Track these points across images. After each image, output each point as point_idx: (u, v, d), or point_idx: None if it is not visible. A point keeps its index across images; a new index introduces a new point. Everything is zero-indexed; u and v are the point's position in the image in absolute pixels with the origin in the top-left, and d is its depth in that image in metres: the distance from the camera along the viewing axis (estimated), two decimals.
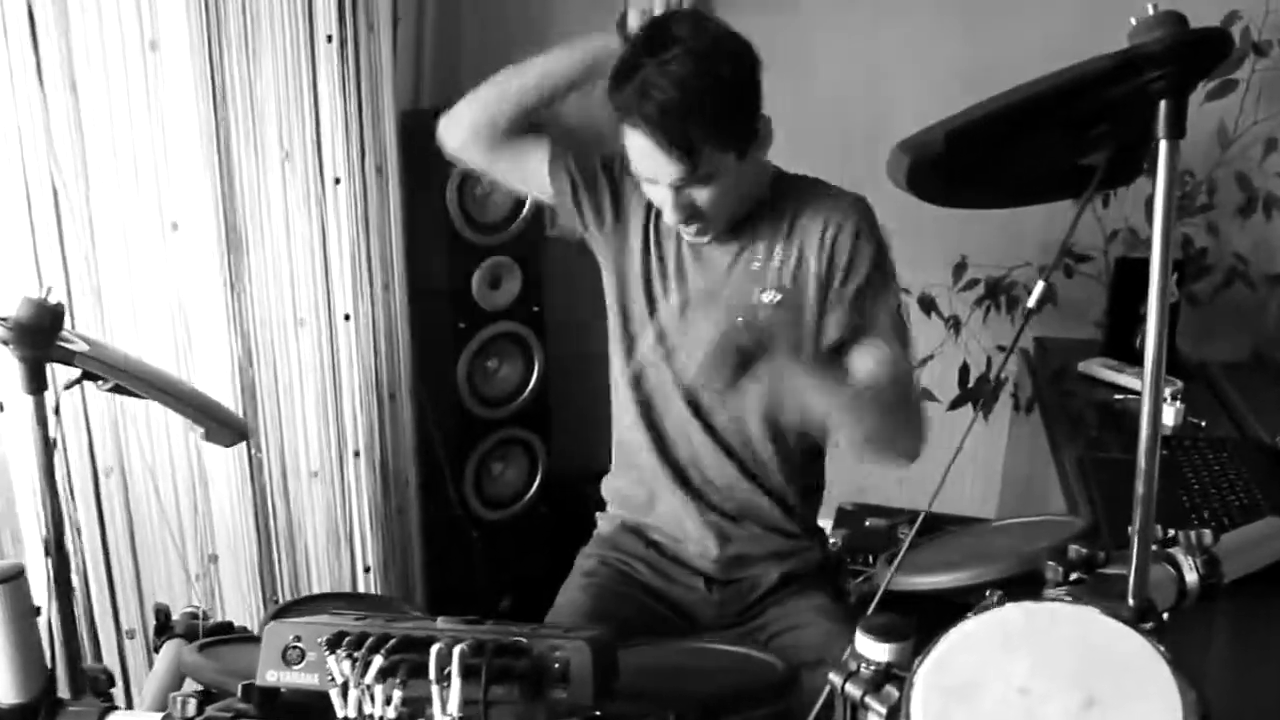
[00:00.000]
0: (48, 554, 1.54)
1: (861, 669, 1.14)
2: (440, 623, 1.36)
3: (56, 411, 1.54)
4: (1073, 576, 1.35)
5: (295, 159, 2.44)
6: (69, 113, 1.80)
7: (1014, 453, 3.12)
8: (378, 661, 1.21)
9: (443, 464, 3.08)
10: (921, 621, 1.79)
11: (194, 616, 1.86)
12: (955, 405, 2.96)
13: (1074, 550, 1.34)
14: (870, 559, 3.17)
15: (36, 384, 1.48)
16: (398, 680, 1.21)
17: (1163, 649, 1.02)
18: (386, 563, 2.89)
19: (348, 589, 2.79)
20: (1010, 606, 1.11)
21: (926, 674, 1.07)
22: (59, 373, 1.56)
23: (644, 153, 1.68)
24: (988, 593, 1.50)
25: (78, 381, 1.53)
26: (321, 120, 2.51)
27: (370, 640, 1.24)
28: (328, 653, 1.24)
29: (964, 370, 2.98)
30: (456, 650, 1.20)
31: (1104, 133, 1.22)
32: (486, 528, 3.19)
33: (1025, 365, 2.96)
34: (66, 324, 1.53)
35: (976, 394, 2.93)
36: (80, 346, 1.49)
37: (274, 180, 2.38)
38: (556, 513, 3.32)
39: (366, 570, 2.82)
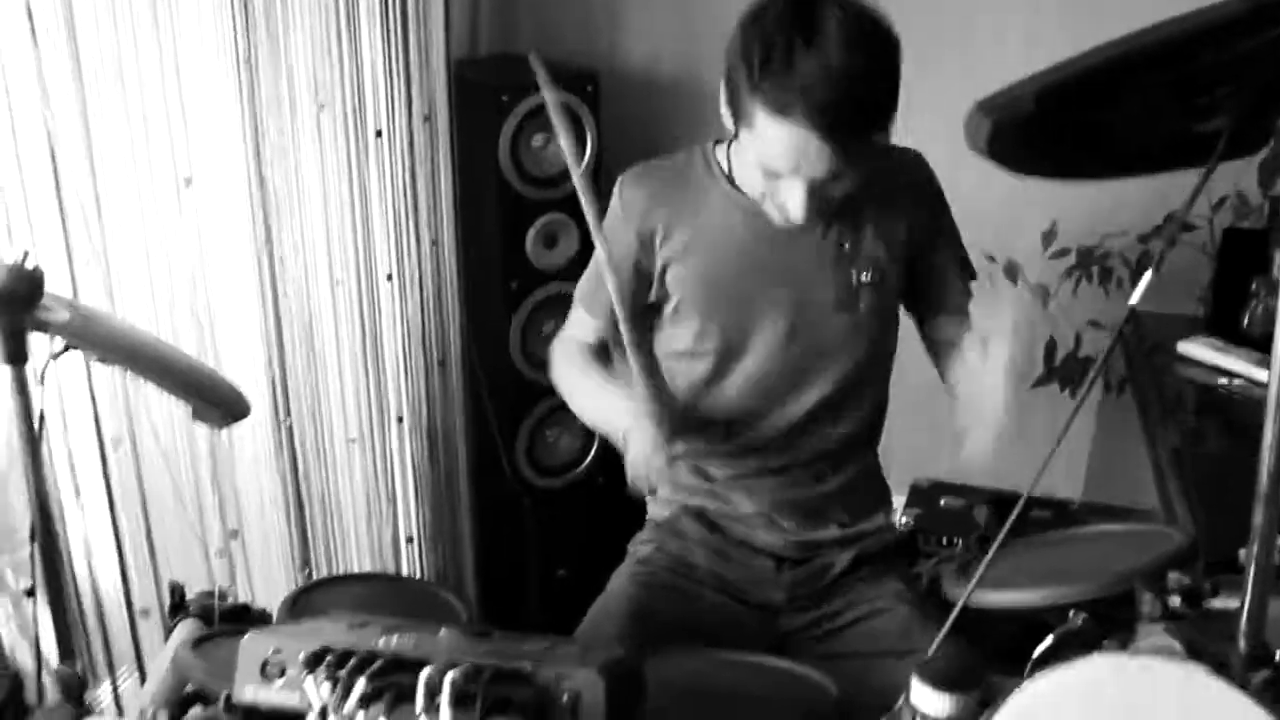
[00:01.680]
0: (33, 539, 1.41)
1: None
2: (443, 635, 1.21)
3: (41, 382, 1.41)
4: (1173, 603, 1.18)
5: (333, 110, 2.29)
6: (66, 58, 1.66)
7: (1103, 435, 2.90)
8: (360, 685, 1.07)
9: (494, 430, 2.94)
10: (996, 639, 1.61)
11: (210, 595, 1.75)
12: (1039, 384, 2.75)
13: (1175, 579, 1.16)
14: (944, 540, 2.98)
15: (16, 354, 1.35)
16: (381, 707, 1.06)
17: None
18: (433, 533, 2.77)
19: (390, 560, 2.68)
20: (1097, 660, 0.93)
21: None
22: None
23: (792, 147, 1.57)
24: (1070, 613, 1.33)
25: (62, 352, 1.40)
26: (363, 70, 2.36)
27: (354, 660, 1.09)
28: (306, 672, 1.10)
29: (1050, 346, 2.76)
30: (448, 678, 1.05)
31: (1227, 95, 1.02)
32: (540, 496, 3.05)
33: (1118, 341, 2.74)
34: (65, 290, 1.40)
35: (1064, 373, 2.71)
36: (60, 316, 1.36)
37: (307, 133, 2.24)
38: (613, 481, 3.16)
39: (409, 541, 2.70)
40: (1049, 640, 1.30)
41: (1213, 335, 2.48)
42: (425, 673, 1.06)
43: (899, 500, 3.07)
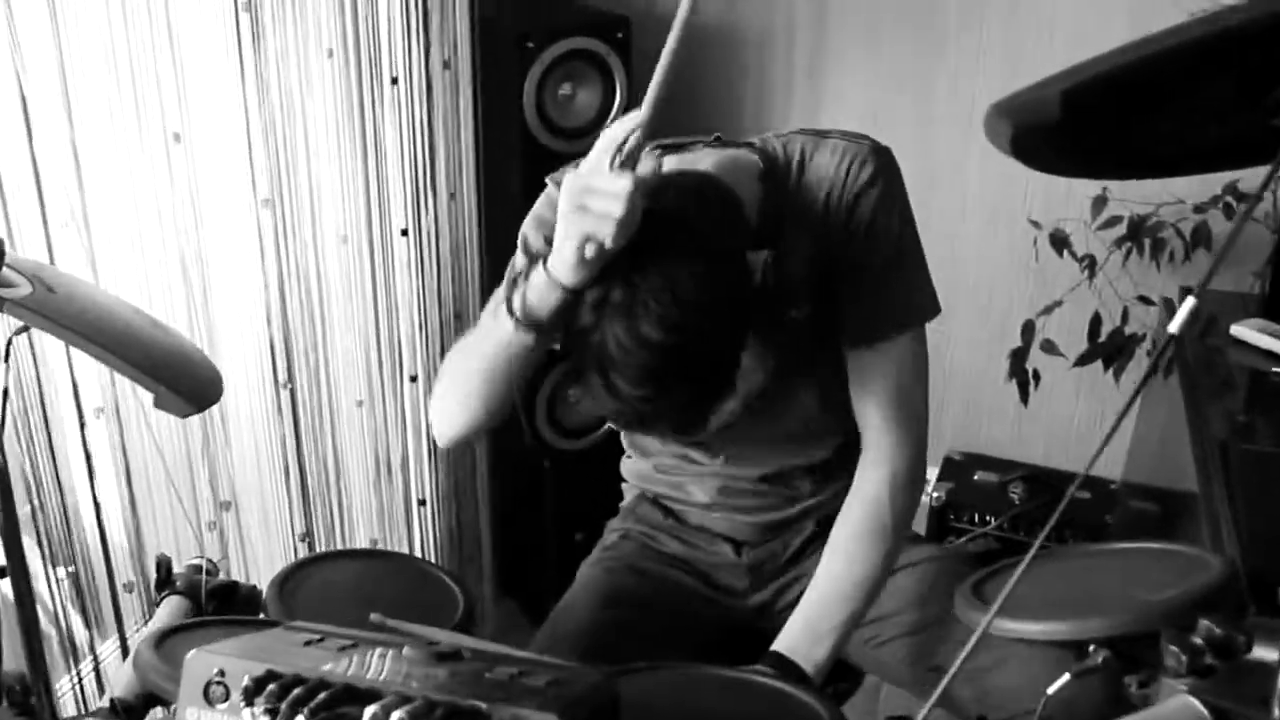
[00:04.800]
0: None
1: None
2: (405, 656, 1.13)
3: (5, 359, 1.33)
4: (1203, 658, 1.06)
5: (345, 56, 2.18)
6: (41, 1, 1.56)
7: (1147, 417, 2.77)
8: None
9: (513, 390, 2.84)
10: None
11: (198, 571, 1.68)
12: (1082, 361, 2.62)
13: (1205, 628, 1.05)
14: (976, 517, 2.88)
15: None
16: None
17: None
18: (448, 495, 2.70)
19: (400, 524, 2.61)
20: None
21: None
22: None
23: None
24: (1090, 648, 1.23)
25: (20, 332, 1.31)
26: (378, 13, 2.24)
27: (299, 691, 1.01)
28: (244, 703, 1.02)
29: (1095, 321, 2.63)
30: (395, 717, 0.96)
31: None
32: (559, 458, 2.97)
33: (1167, 320, 2.59)
34: (40, 255, 1.31)
35: (1109, 351, 2.58)
36: (19, 291, 1.27)
37: (315, 82, 2.13)
38: None
39: (421, 504, 2.63)
40: (1065, 678, 1.20)
41: (1269, 318, 2.33)
42: (369, 712, 0.97)
43: (931, 472, 2.97)
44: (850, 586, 1.57)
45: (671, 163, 1.44)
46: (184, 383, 1.30)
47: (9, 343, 1.35)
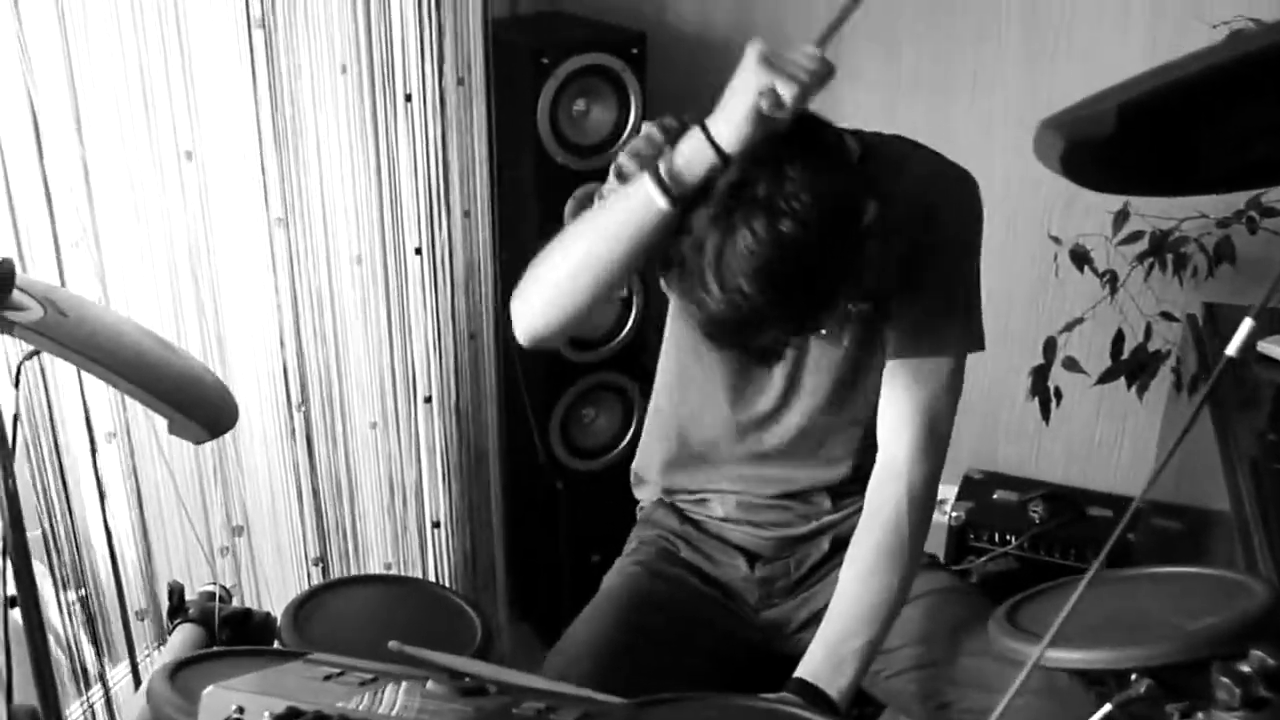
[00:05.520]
0: (5, 553, 1.31)
1: None
2: (428, 691, 1.09)
3: (16, 384, 1.30)
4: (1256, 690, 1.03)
5: (357, 73, 2.15)
6: (52, 17, 1.53)
7: (1172, 434, 2.73)
8: None
9: (527, 410, 2.81)
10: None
11: (211, 598, 1.66)
12: (1105, 379, 2.58)
13: (1257, 658, 1.01)
14: (996, 537, 2.84)
15: None
16: None
17: None
18: (462, 517, 2.66)
19: (414, 546, 2.57)
20: None
21: None
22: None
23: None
24: (1133, 677, 1.20)
25: (30, 356, 1.29)
26: (392, 30, 2.22)
27: None
28: None
29: (1118, 339, 2.59)
30: None
31: None
32: (573, 479, 2.93)
33: (1191, 336, 2.55)
34: (50, 275, 1.28)
35: (1132, 368, 2.54)
36: (29, 315, 1.24)
37: (328, 98, 2.10)
38: None
39: (436, 526, 2.59)
40: (1107, 707, 1.16)
41: None
42: None
43: (949, 491, 2.92)
44: (868, 609, 1.56)
45: None
46: (198, 408, 1.27)
47: (19, 367, 1.32)
